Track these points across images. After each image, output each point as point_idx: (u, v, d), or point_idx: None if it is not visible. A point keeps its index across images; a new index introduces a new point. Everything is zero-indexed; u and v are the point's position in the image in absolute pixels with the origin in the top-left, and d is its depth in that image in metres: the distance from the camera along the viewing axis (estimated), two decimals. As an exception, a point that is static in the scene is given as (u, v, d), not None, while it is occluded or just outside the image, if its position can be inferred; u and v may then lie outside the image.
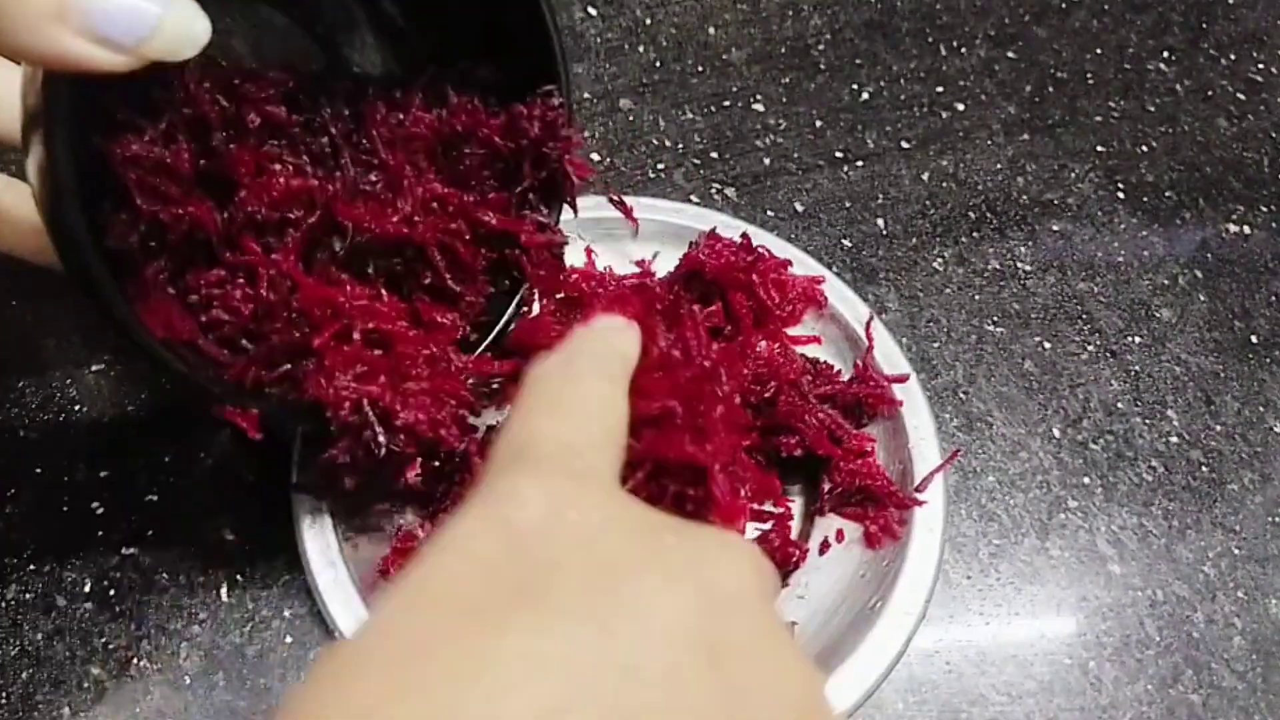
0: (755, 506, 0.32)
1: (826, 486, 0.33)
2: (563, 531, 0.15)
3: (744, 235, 0.38)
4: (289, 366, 0.27)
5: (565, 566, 0.14)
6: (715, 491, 0.28)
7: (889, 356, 0.36)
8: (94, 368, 0.37)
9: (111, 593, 0.32)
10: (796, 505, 0.34)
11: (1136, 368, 0.42)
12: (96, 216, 0.23)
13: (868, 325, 0.36)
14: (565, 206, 0.32)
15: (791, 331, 0.37)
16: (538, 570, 0.14)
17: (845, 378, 0.36)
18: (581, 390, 0.20)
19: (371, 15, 0.31)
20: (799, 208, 0.45)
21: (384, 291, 0.29)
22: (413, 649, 0.13)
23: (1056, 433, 0.39)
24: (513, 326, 0.31)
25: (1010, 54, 0.53)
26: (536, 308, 0.32)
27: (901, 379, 0.35)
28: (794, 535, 0.33)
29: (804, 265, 0.38)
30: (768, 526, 0.33)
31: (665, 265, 0.38)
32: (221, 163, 0.26)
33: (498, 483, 0.16)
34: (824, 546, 0.33)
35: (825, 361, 0.36)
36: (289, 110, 0.28)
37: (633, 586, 0.14)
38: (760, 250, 0.37)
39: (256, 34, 0.29)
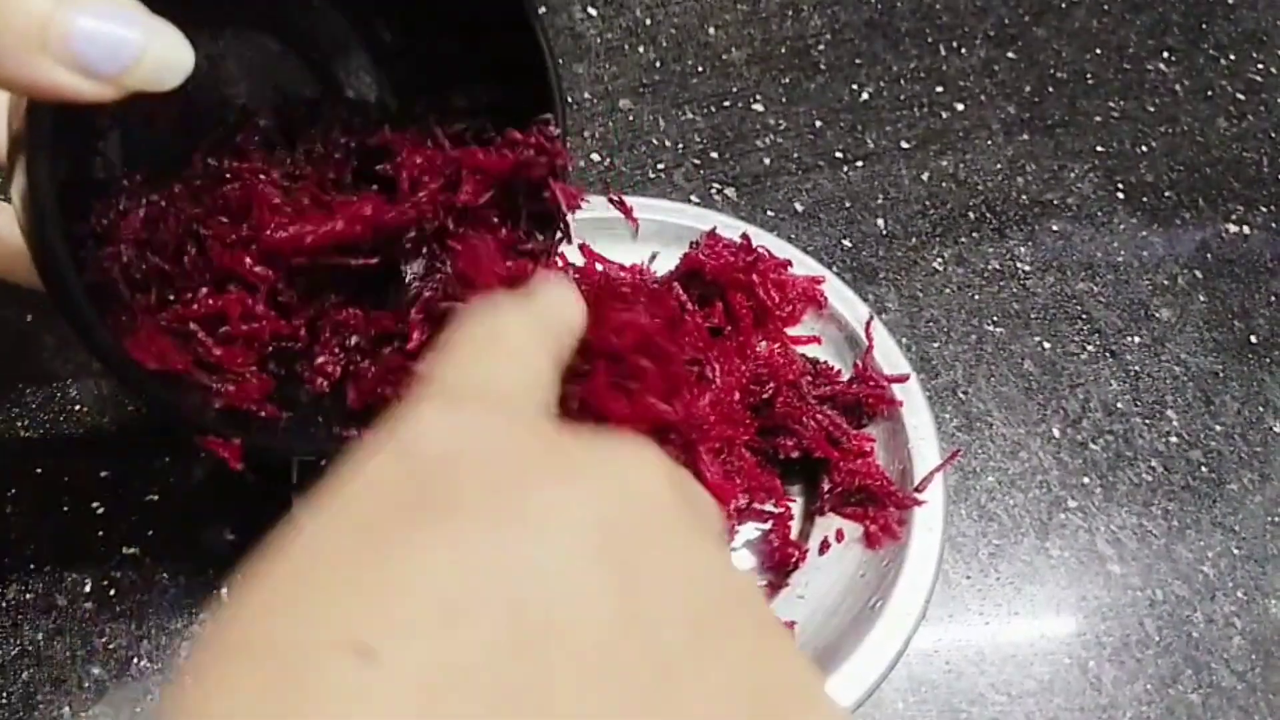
0: (756, 506, 0.32)
1: (826, 486, 0.33)
2: (466, 452, 0.15)
3: (744, 235, 0.38)
4: (281, 392, 0.27)
5: (464, 481, 0.14)
6: (703, 471, 0.28)
7: (889, 356, 0.36)
8: (94, 368, 0.37)
9: (112, 592, 0.32)
10: (796, 505, 0.34)
11: (1136, 368, 0.42)
12: (81, 247, 0.23)
13: (867, 325, 0.36)
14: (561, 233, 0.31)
15: (791, 331, 0.37)
16: (436, 488, 0.14)
17: (845, 378, 0.36)
18: (510, 338, 0.19)
19: (366, 40, 0.31)
20: (799, 208, 0.45)
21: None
22: (307, 566, 0.13)
23: (1056, 433, 0.39)
24: None
25: (1010, 54, 0.53)
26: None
27: (901, 379, 0.35)
28: (794, 535, 0.33)
29: (804, 265, 0.38)
30: (767, 526, 0.33)
31: (665, 265, 0.38)
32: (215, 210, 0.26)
33: (405, 414, 0.16)
34: (824, 546, 0.33)
35: (825, 361, 0.36)
36: (285, 137, 0.28)
37: (533, 492, 0.14)
38: (760, 250, 0.37)
39: (250, 59, 0.29)
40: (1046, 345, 0.42)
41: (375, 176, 0.30)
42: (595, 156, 0.46)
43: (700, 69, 0.51)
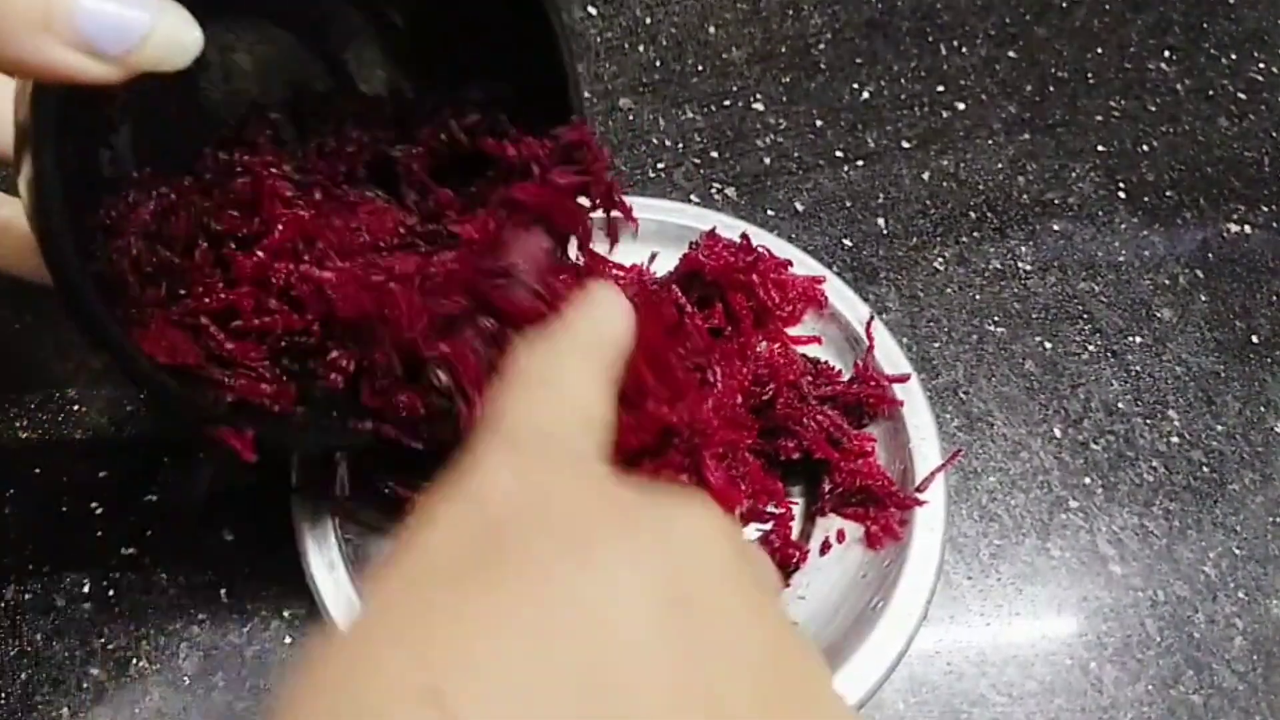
0: (758, 508, 0.32)
1: (827, 487, 0.33)
2: (532, 507, 0.16)
3: (743, 235, 0.38)
4: (296, 379, 0.26)
5: (533, 537, 0.15)
6: (708, 476, 0.28)
7: (890, 356, 0.36)
8: (94, 367, 0.37)
9: (111, 593, 0.32)
10: (797, 506, 0.34)
11: (1137, 368, 0.42)
12: (88, 236, 0.23)
13: (868, 325, 0.36)
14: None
15: (792, 331, 0.37)
16: (507, 543, 0.15)
17: (846, 378, 0.36)
18: (565, 375, 0.20)
19: (379, 32, 0.30)
20: (799, 207, 0.45)
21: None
22: (386, 617, 0.14)
23: (1057, 433, 0.39)
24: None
25: (1011, 53, 0.53)
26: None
27: (902, 379, 0.35)
28: (794, 536, 0.33)
29: (804, 265, 0.38)
30: (768, 527, 0.33)
31: (664, 266, 0.38)
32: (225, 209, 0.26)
33: (471, 465, 0.17)
34: (825, 547, 0.33)
35: (826, 361, 0.36)
36: (297, 130, 0.28)
37: (599, 550, 0.15)
38: (760, 250, 0.37)
39: (261, 50, 0.29)
40: (1048, 345, 0.42)
41: (387, 171, 0.29)
42: (595, 156, 0.46)
43: (700, 68, 0.50)
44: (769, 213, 0.45)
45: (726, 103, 0.49)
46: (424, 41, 0.30)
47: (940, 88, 0.51)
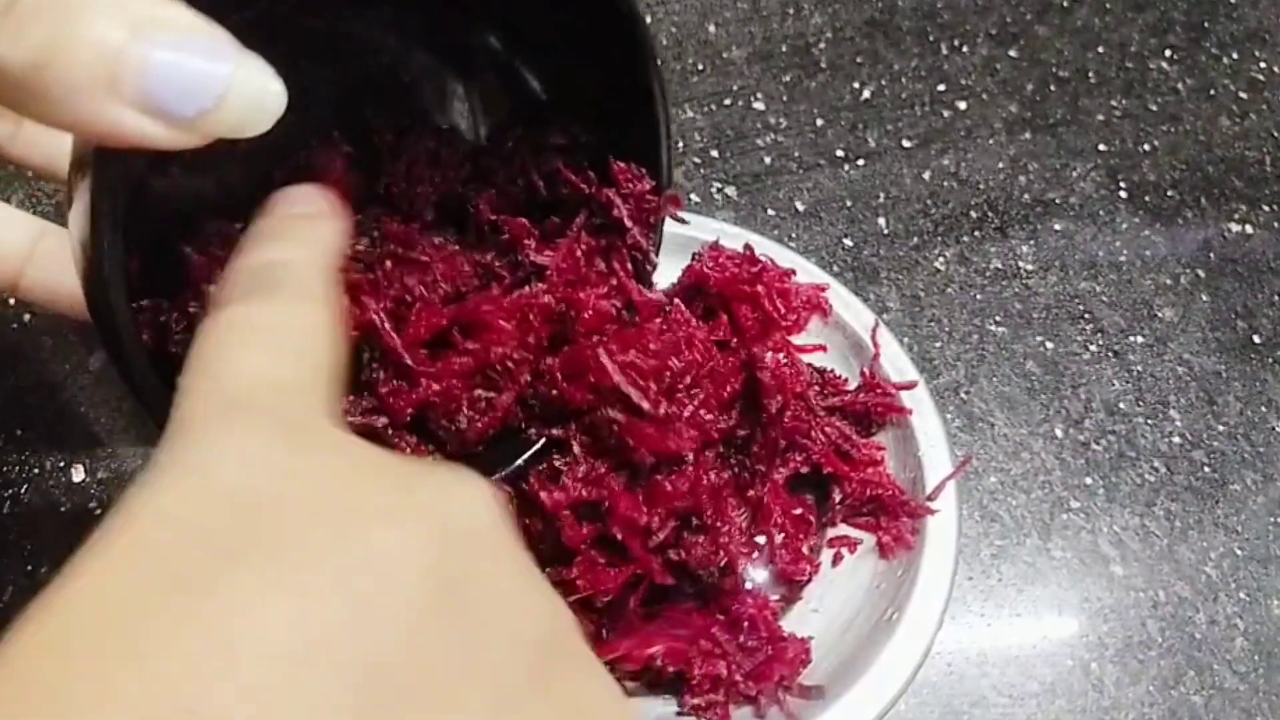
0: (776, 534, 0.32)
1: (837, 498, 0.33)
2: (280, 485, 0.13)
3: (746, 246, 0.37)
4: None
5: (283, 520, 0.13)
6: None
7: (896, 363, 0.36)
8: (92, 367, 0.37)
9: (110, 594, 0.32)
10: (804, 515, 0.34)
11: (1139, 368, 0.42)
12: (142, 294, 0.21)
13: (873, 332, 0.36)
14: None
15: (796, 340, 0.37)
16: (253, 528, 0.13)
17: (852, 386, 0.35)
18: (283, 316, 0.17)
19: (459, 68, 0.28)
20: (800, 207, 0.45)
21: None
22: (121, 620, 0.11)
23: (1059, 433, 0.39)
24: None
25: (1012, 53, 0.53)
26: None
27: (909, 386, 0.35)
28: (805, 548, 0.33)
29: (806, 272, 0.38)
30: (780, 539, 0.32)
31: (666, 277, 0.37)
32: None
33: (201, 438, 0.14)
34: (836, 558, 0.32)
35: (832, 370, 0.36)
36: (369, 167, 0.26)
37: (358, 531, 0.13)
38: (764, 260, 0.37)
39: (335, 84, 0.26)
40: (1049, 345, 0.42)
41: (455, 213, 0.28)
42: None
43: (700, 67, 0.50)
44: (769, 212, 0.45)
45: (727, 102, 0.49)
46: (508, 79, 0.28)
47: (941, 87, 0.51)
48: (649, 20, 0.52)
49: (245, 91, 0.16)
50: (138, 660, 0.11)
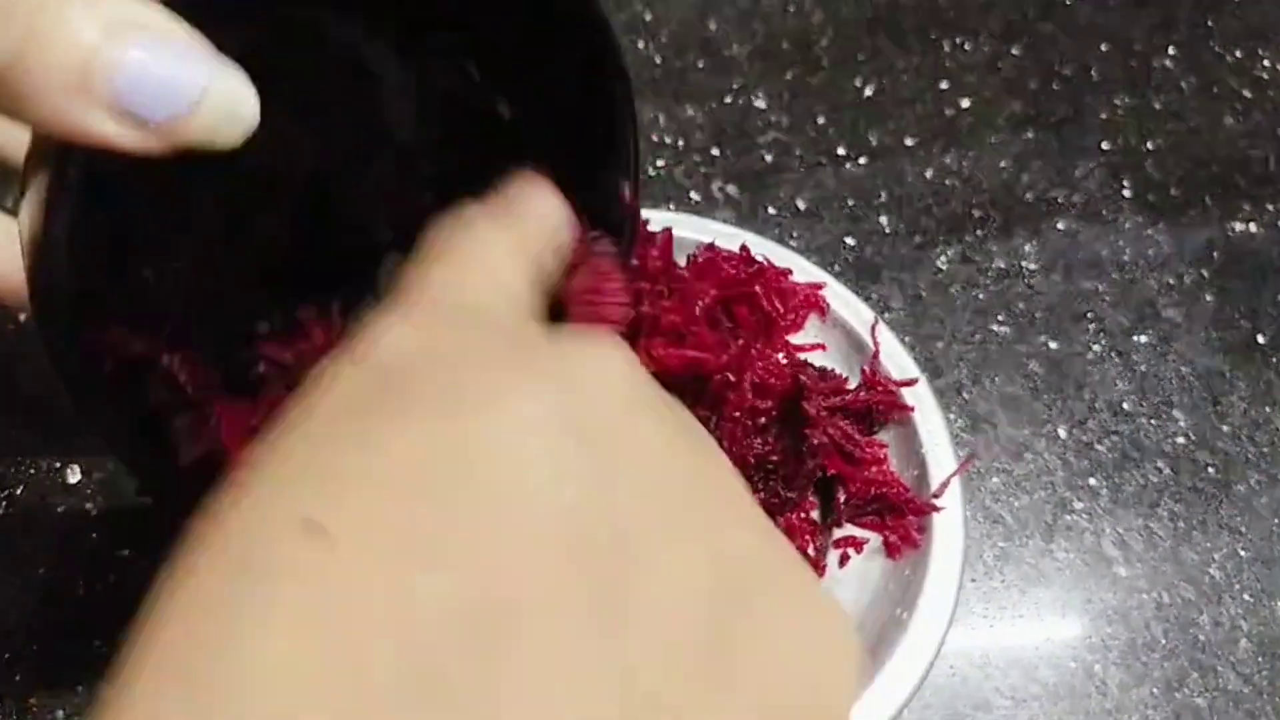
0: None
1: (842, 498, 0.33)
2: (426, 353, 0.14)
3: (743, 246, 0.37)
4: None
5: (423, 377, 0.14)
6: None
7: (896, 360, 0.36)
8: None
9: (106, 595, 0.32)
10: (813, 516, 0.34)
11: (1143, 368, 0.41)
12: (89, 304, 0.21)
13: (873, 329, 0.36)
14: None
15: (795, 339, 0.36)
16: (393, 386, 0.14)
17: (853, 384, 0.35)
18: (490, 254, 0.18)
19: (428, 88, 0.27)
20: (801, 205, 0.45)
21: None
22: (262, 466, 0.13)
23: (1062, 433, 0.39)
24: None
25: (1015, 50, 0.52)
26: None
27: (910, 383, 0.35)
28: (811, 549, 0.33)
29: (804, 271, 0.38)
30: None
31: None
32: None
33: (368, 326, 0.15)
34: (844, 559, 0.32)
35: (832, 369, 0.35)
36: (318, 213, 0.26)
37: (490, 381, 0.14)
38: (761, 260, 0.37)
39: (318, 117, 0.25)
40: (1052, 345, 0.41)
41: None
42: (596, 153, 0.46)
43: (701, 64, 0.50)
44: (770, 211, 0.44)
45: (728, 99, 0.49)
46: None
47: (944, 85, 0.50)
48: (649, 18, 0.52)
49: (219, 101, 0.16)
50: (276, 486, 0.12)
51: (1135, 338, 0.42)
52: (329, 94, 0.26)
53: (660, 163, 0.46)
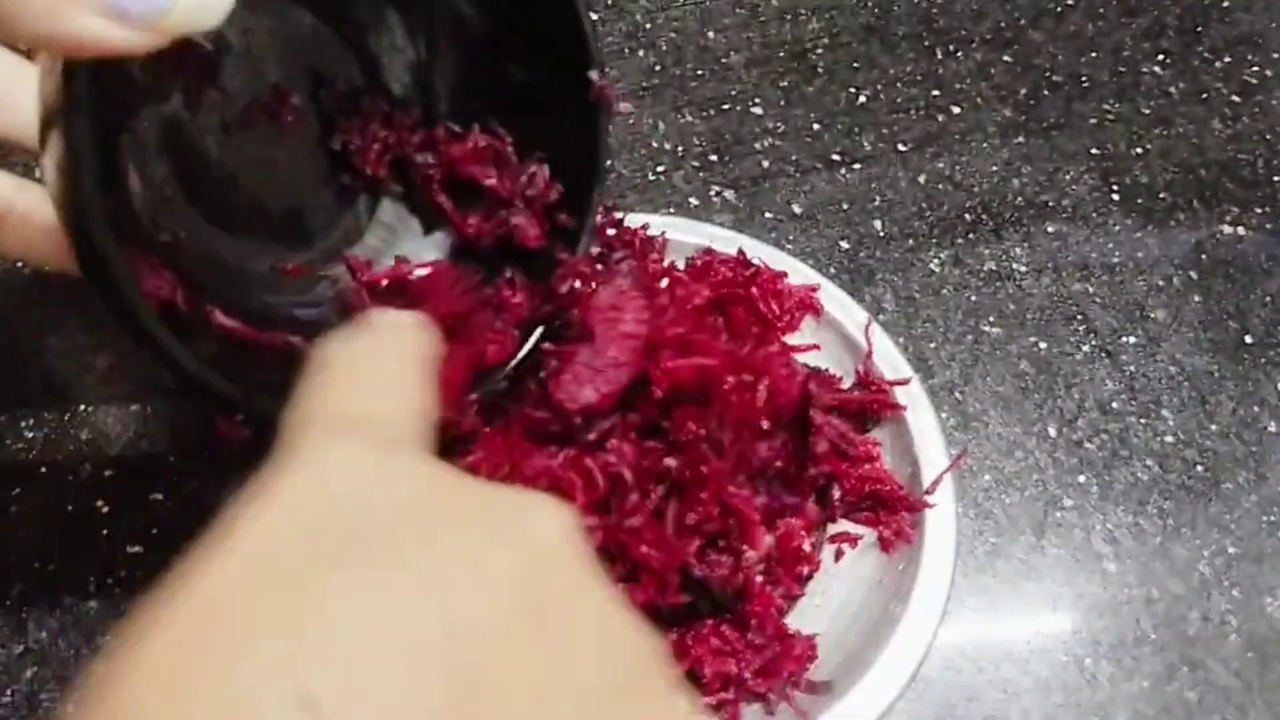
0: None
1: (837, 494, 0.33)
2: (382, 495, 0.15)
3: (739, 251, 0.38)
4: None
5: (387, 527, 0.14)
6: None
7: (889, 359, 0.36)
8: (99, 365, 0.38)
9: (116, 591, 0.33)
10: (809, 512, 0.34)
11: (1132, 368, 0.42)
12: (119, 226, 0.22)
13: (867, 330, 0.37)
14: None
15: (790, 340, 0.37)
16: (359, 532, 0.14)
17: (847, 384, 0.36)
18: (383, 368, 0.19)
19: (407, 21, 0.30)
20: (797, 209, 0.46)
21: None
22: (238, 603, 0.13)
23: (1052, 432, 0.40)
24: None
25: (1006, 57, 0.53)
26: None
27: (903, 383, 0.35)
28: (805, 544, 0.33)
29: (798, 273, 0.38)
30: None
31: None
32: None
33: (307, 448, 0.16)
34: (838, 554, 0.33)
35: (827, 369, 0.36)
36: (321, 129, 0.28)
37: (455, 542, 0.14)
38: (757, 263, 0.38)
39: (284, 34, 0.28)
40: (1043, 345, 0.42)
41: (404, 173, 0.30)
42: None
43: (699, 72, 0.51)
44: (767, 215, 0.45)
45: (725, 106, 0.50)
46: (468, 59, 0.30)
47: (936, 91, 0.51)
48: (648, 27, 0.53)
49: None
50: (266, 641, 0.12)
51: (1124, 338, 0.43)
52: (298, 12, 0.28)
53: (659, 168, 0.47)
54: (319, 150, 0.29)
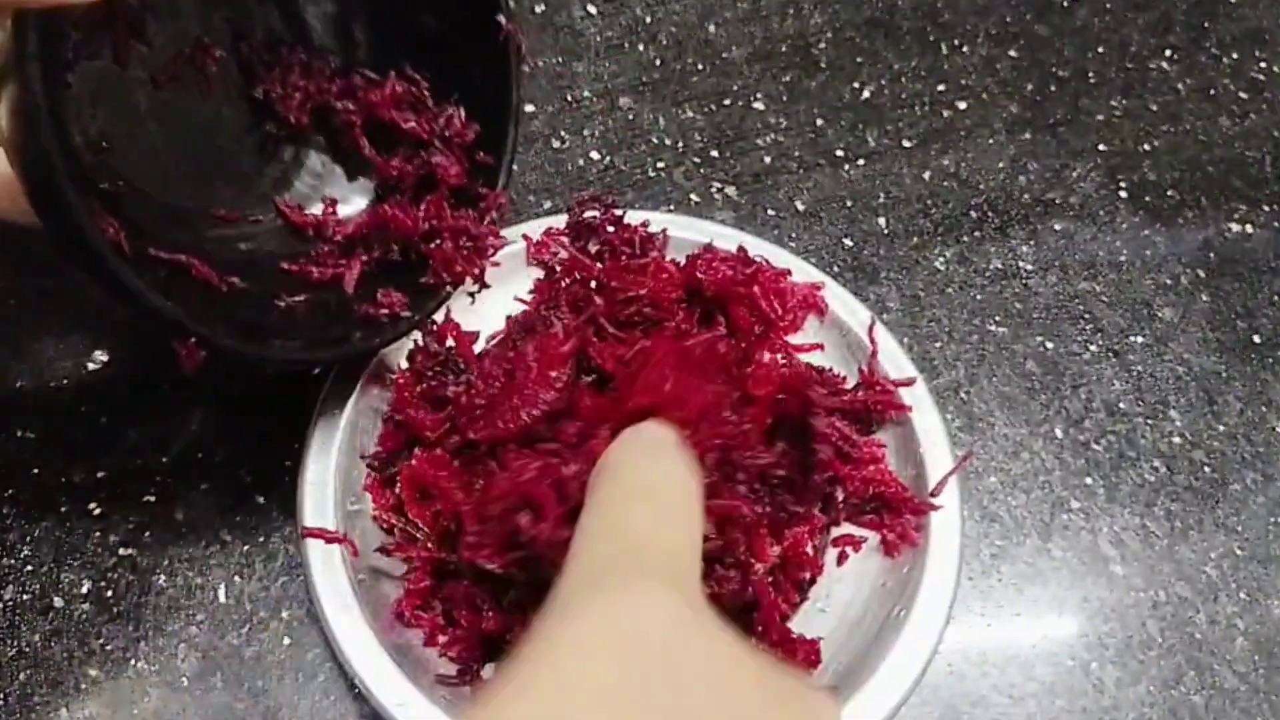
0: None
1: (841, 496, 0.33)
2: (681, 656, 0.17)
3: (740, 247, 0.37)
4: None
5: (687, 690, 0.17)
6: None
7: (893, 359, 0.36)
8: (91, 368, 0.37)
9: (109, 594, 0.32)
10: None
11: (1139, 368, 0.42)
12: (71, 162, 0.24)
13: (870, 329, 0.36)
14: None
15: (793, 340, 0.36)
16: (663, 689, 0.16)
17: (850, 384, 0.35)
18: (664, 471, 0.22)
19: None
20: (800, 206, 0.45)
21: None
22: None
23: (1059, 433, 0.39)
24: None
25: (1012, 52, 0.53)
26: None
27: (908, 383, 0.35)
28: (809, 547, 0.33)
29: (802, 271, 0.38)
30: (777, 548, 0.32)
31: None
32: None
33: (617, 588, 0.18)
34: (841, 558, 0.32)
35: (830, 369, 0.35)
36: (243, 79, 0.29)
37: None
38: (758, 261, 0.37)
39: None
40: (1049, 345, 0.42)
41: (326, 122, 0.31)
42: (595, 155, 0.46)
43: (701, 67, 0.50)
44: (769, 212, 0.45)
45: (727, 102, 0.49)
46: (384, 8, 0.32)
47: (941, 87, 0.51)
48: (649, 21, 0.52)
49: None
50: None
51: (1131, 338, 0.42)
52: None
53: (660, 164, 0.46)
54: (243, 100, 0.31)
